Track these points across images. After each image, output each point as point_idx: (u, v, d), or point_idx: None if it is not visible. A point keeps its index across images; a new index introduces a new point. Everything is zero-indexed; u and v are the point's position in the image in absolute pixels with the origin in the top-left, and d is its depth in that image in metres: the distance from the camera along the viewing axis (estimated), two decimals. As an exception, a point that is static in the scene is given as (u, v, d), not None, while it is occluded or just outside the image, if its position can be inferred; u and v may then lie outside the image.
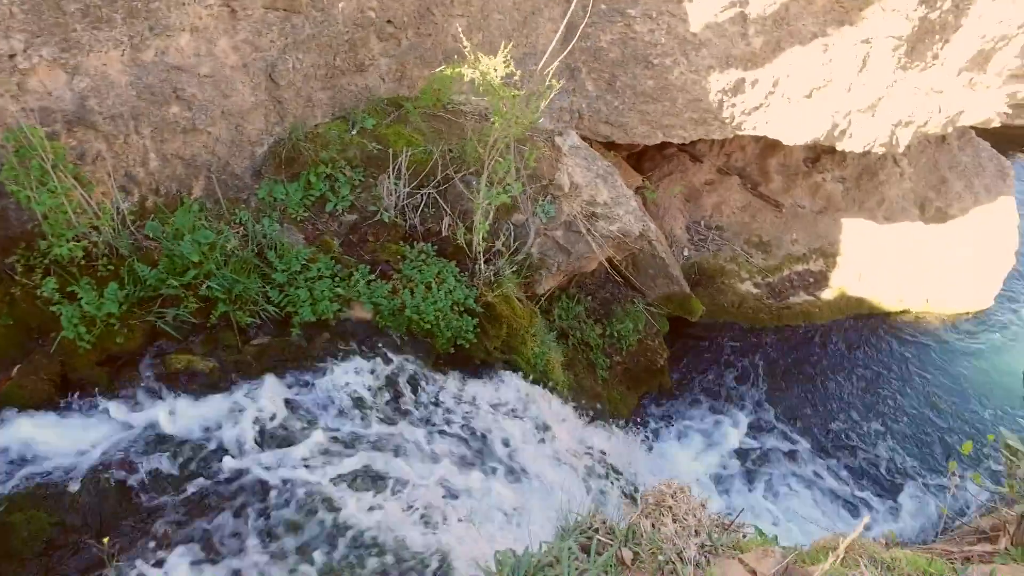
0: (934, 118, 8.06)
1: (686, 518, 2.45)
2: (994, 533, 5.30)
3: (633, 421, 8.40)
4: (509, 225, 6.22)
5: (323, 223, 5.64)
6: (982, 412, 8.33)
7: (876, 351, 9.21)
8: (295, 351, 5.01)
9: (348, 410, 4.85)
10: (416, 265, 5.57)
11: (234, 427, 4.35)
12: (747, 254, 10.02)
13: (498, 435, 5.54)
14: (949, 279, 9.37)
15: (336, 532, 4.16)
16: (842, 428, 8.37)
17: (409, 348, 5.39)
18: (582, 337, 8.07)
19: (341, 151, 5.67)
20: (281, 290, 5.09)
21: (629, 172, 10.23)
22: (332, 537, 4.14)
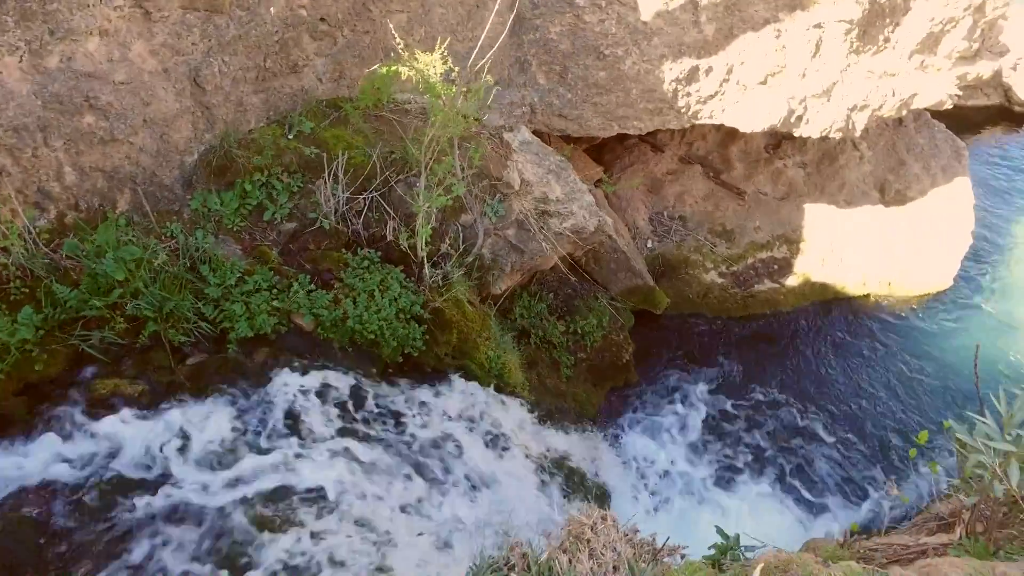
0: (888, 101, 8.01)
1: (603, 553, 2.32)
2: (951, 519, 5.28)
3: (599, 419, 8.32)
4: (457, 226, 6.06)
5: (261, 233, 5.44)
6: (946, 393, 8.35)
7: (841, 337, 9.20)
8: (233, 368, 4.82)
9: (287, 427, 4.67)
10: (359, 273, 5.39)
11: (163, 452, 4.17)
12: (711, 244, 9.95)
13: (450, 445, 5.41)
14: (910, 261, 9.38)
15: (273, 558, 4.00)
16: (810, 416, 8.35)
17: (353, 359, 5.22)
18: (544, 335, 7.96)
19: (277, 157, 5.47)
20: (216, 305, 4.89)
21: (589, 164, 10.10)
22: (269, 564, 3.99)
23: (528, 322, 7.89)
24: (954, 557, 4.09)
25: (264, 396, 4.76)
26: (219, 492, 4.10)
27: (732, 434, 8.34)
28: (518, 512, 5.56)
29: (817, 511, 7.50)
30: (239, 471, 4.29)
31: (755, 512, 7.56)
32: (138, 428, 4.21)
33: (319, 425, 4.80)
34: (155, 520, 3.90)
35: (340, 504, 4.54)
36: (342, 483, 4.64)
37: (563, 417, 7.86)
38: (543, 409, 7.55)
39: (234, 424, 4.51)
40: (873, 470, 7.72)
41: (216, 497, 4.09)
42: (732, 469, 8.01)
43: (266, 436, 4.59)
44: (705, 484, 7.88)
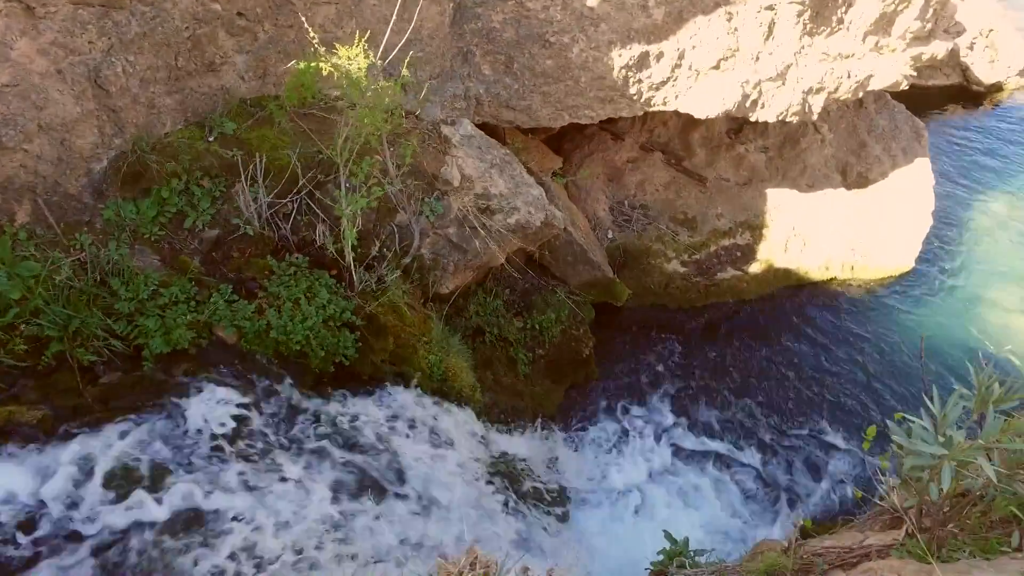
0: (844, 84, 7.83)
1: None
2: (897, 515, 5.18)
3: (559, 416, 8.15)
4: (392, 227, 5.82)
5: (181, 241, 5.18)
6: (908, 377, 8.26)
7: (804, 323, 9.08)
8: (149, 387, 4.58)
9: (207, 448, 4.45)
10: (284, 281, 5.15)
11: (64, 484, 3.92)
12: (673, 232, 9.77)
13: (385, 456, 5.20)
14: (872, 244, 9.26)
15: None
16: (774, 405, 8.24)
17: (280, 371, 4.99)
18: (500, 333, 7.76)
19: (195, 160, 5.19)
20: (129, 321, 4.64)
21: (548, 154, 9.86)
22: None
23: (483, 320, 7.68)
24: (895, 560, 3.96)
25: (183, 415, 4.52)
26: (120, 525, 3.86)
27: (696, 426, 8.21)
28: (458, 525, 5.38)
29: (781, 501, 7.39)
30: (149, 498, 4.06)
31: (718, 505, 7.45)
32: (33, 459, 3.95)
33: (241, 443, 4.58)
34: (50, 557, 3.67)
35: (261, 526, 4.33)
36: (264, 504, 4.43)
37: (519, 417, 7.68)
38: (497, 410, 7.36)
39: (147, 447, 4.28)
40: (835, 458, 7.62)
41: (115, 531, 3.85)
42: (697, 461, 7.88)
43: (183, 458, 4.36)
44: (669, 478, 7.74)
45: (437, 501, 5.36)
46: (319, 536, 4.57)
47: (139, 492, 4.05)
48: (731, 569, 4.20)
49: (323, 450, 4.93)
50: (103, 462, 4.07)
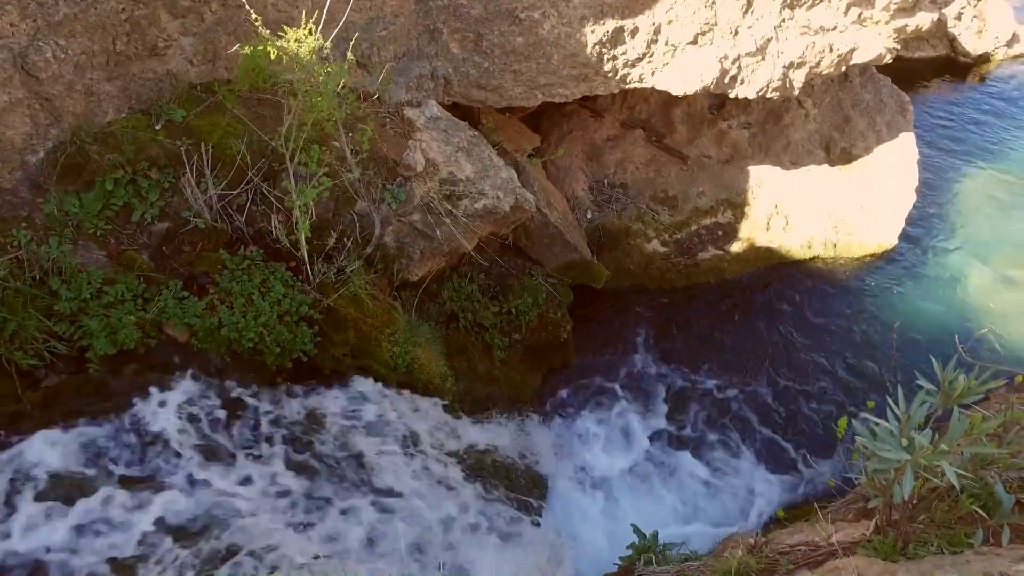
0: (826, 58, 7.58)
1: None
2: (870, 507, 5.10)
3: (536, 402, 8.03)
4: (352, 216, 5.61)
5: (129, 236, 4.97)
6: (887, 359, 8.14)
7: (786, 303, 8.94)
8: (94, 390, 4.42)
9: (156, 452, 4.30)
10: (237, 276, 4.96)
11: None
12: (653, 212, 9.57)
13: (347, 454, 5.07)
14: (855, 221, 9.08)
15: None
16: (754, 387, 8.13)
17: (235, 370, 4.83)
18: (475, 318, 7.59)
19: (141, 150, 4.96)
20: (72, 321, 4.45)
21: (525, 133, 9.61)
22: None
23: (457, 305, 7.50)
24: (861, 558, 3.87)
25: (131, 418, 4.36)
26: (65, 538, 3.72)
27: (676, 410, 8.10)
28: (427, 521, 5.28)
29: (757, 486, 7.32)
30: (93, 508, 3.92)
31: (694, 490, 7.38)
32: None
33: (193, 445, 4.43)
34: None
35: (219, 532, 4.21)
36: (220, 508, 4.30)
37: (495, 404, 7.56)
38: (471, 399, 7.23)
39: (91, 454, 4.13)
40: (814, 442, 7.54)
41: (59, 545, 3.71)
42: (676, 445, 7.79)
43: (130, 464, 4.21)
44: (647, 462, 7.66)
45: (402, 497, 5.25)
46: (278, 538, 4.45)
47: (82, 502, 3.91)
48: (697, 568, 4.11)
49: (278, 449, 4.79)
50: (40, 472, 3.92)
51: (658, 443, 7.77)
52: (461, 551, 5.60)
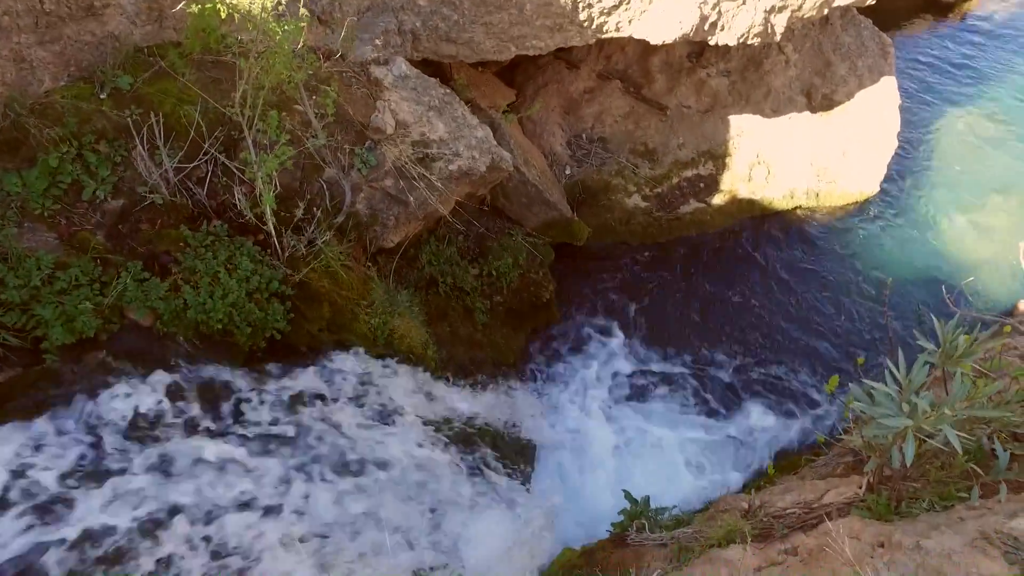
0: (808, 0, 7.29)
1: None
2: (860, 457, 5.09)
3: (520, 364, 7.92)
4: (320, 184, 5.32)
5: (80, 215, 4.64)
6: (873, 308, 8.11)
7: (768, 254, 8.84)
8: (53, 382, 4.16)
9: (125, 444, 4.09)
10: (200, 253, 4.67)
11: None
12: (633, 165, 9.33)
13: (328, 430, 4.90)
14: (837, 169, 8.94)
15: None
16: (737, 344, 8.07)
17: (205, 352, 4.60)
18: (455, 282, 7.38)
19: (85, 122, 4.59)
20: (23, 310, 4.16)
21: (499, 88, 9.23)
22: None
23: (436, 270, 7.28)
24: (855, 520, 3.83)
25: (94, 411, 4.13)
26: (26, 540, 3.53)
27: (661, 365, 8.05)
28: (413, 493, 5.17)
29: (746, 440, 7.32)
30: (58, 509, 3.72)
31: (684, 448, 7.36)
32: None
33: (164, 434, 4.23)
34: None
35: (195, 524, 4.05)
36: (197, 498, 4.13)
37: (479, 369, 7.43)
38: (454, 365, 7.08)
39: (53, 450, 3.91)
40: (801, 394, 7.53)
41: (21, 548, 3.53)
42: (663, 401, 7.76)
43: (97, 460, 4.00)
44: (633, 420, 7.61)
45: (386, 470, 5.12)
46: (258, 521, 4.31)
47: (49, 505, 3.71)
48: (690, 535, 4.07)
49: (256, 431, 4.61)
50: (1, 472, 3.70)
51: (645, 399, 7.73)
52: (449, 522, 5.52)
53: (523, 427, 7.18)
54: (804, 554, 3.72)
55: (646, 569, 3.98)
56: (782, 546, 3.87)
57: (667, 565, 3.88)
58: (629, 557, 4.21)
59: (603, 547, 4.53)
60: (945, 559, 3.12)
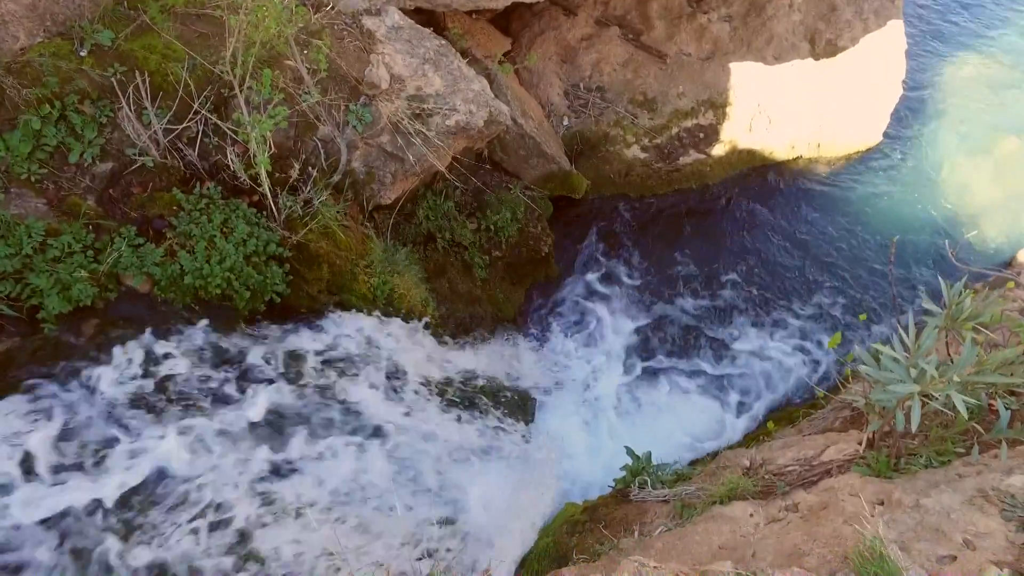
0: (816, -61, 6.99)
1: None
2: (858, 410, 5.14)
3: (520, 319, 7.92)
4: (315, 143, 5.17)
5: (69, 180, 4.51)
6: (872, 259, 8.09)
7: (769, 206, 8.76)
8: (54, 351, 4.13)
9: (128, 410, 4.09)
10: (195, 217, 4.57)
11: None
12: (632, 116, 9.13)
13: (332, 391, 4.91)
14: (839, 119, 8.77)
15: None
16: (736, 296, 8.07)
17: (204, 317, 4.55)
18: (453, 237, 7.30)
19: (66, 82, 4.41)
20: (17, 279, 4.08)
21: (494, 37, 8.94)
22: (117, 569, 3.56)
23: (434, 225, 7.18)
24: (856, 477, 3.89)
25: (96, 379, 4.11)
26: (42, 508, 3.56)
27: (662, 318, 8.05)
28: (416, 449, 5.23)
29: (745, 391, 7.38)
30: (67, 477, 3.74)
31: (685, 399, 7.43)
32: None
33: (166, 402, 4.22)
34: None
35: (201, 489, 4.08)
36: (201, 464, 4.16)
37: (478, 324, 7.43)
38: (454, 321, 7.08)
39: (58, 419, 3.90)
40: (799, 344, 7.58)
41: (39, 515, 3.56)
42: (662, 353, 7.79)
43: (102, 427, 4.00)
44: (632, 372, 7.67)
45: (389, 427, 5.16)
46: (267, 488, 4.36)
47: (55, 469, 3.73)
48: (693, 492, 4.13)
49: (259, 394, 4.60)
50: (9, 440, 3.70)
51: (643, 350, 7.76)
52: (451, 476, 5.60)
53: (523, 381, 7.23)
54: (805, 510, 3.78)
55: (649, 525, 4.06)
56: (783, 502, 3.94)
57: (670, 522, 3.96)
58: (632, 513, 4.29)
59: (605, 503, 4.62)
60: (944, 517, 3.17)
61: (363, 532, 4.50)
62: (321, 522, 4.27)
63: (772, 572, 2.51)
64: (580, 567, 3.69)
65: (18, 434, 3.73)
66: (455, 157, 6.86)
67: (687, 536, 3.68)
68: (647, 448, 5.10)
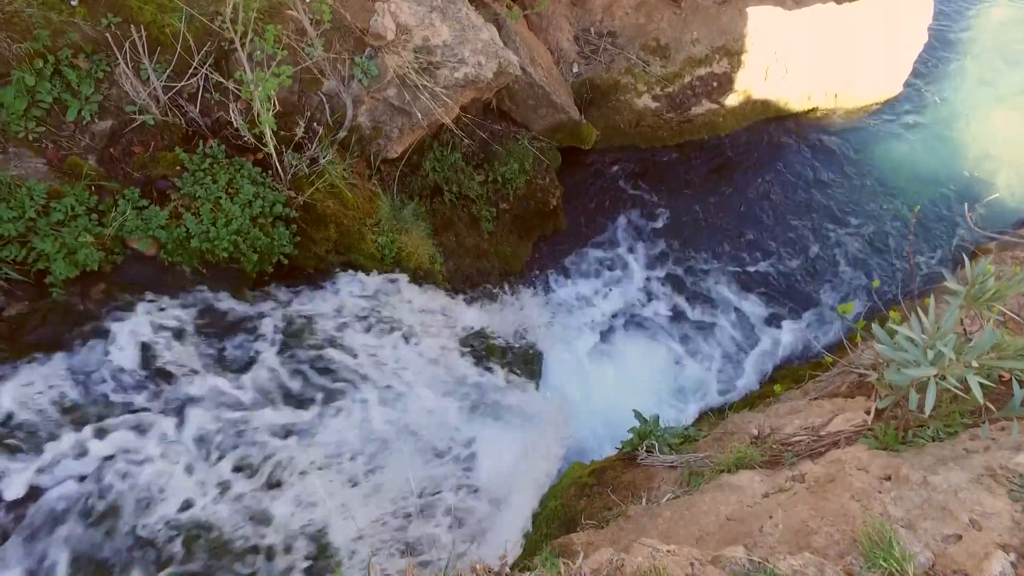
0: None
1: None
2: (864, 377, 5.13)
3: (527, 273, 7.87)
4: (320, 98, 5.00)
5: (68, 138, 4.38)
6: (883, 219, 7.95)
7: (782, 159, 8.56)
8: (63, 315, 4.11)
9: (138, 375, 4.10)
10: (199, 178, 4.46)
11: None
12: (644, 63, 8.81)
13: (342, 351, 4.92)
14: (858, 68, 8.46)
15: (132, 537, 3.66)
16: (747, 252, 7.99)
17: (211, 280, 4.51)
18: (460, 190, 7.17)
19: (58, 35, 4.22)
20: (22, 243, 4.02)
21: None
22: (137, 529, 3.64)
23: (441, 176, 7.04)
24: (863, 450, 3.91)
25: (106, 344, 4.11)
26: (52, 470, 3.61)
27: (669, 273, 8.01)
28: (425, 408, 5.28)
29: (750, 345, 7.40)
30: (78, 443, 3.77)
31: (688, 353, 7.47)
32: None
33: (177, 366, 4.23)
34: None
35: (219, 450, 4.14)
36: (217, 421, 4.20)
37: (486, 279, 7.39)
38: (461, 276, 7.04)
39: (69, 385, 3.91)
40: (808, 303, 7.54)
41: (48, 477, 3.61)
42: (670, 308, 7.77)
43: (112, 392, 4.02)
44: (640, 327, 7.67)
45: (398, 386, 5.20)
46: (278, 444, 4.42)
47: (70, 436, 3.76)
48: (701, 459, 4.19)
49: (269, 356, 4.62)
50: (18, 411, 3.72)
51: (652, 307, 7.75)
52: (463, 433, 5.68)
53: (530, 336, 7.24)
54: (811, 482, 3.82)
55: (656, 491, 4.13)
56: (790, 472, 3.98)
57: (678, 489, 4.03)
58: (640, 478, 4.35)
59: (612, 465, 4.68)
60: (951, 495, 3.20)
61: (371, 491, 4.59)
62: (328, 479, 4.34)
63: (783, 558, 2.55)
64: (589, 533, 3.78)
65: (33, 397, 3.74)
66: (462, 107, 6.66)
67: (695, 505, 3.74)
68: (652, 402, 5.12)
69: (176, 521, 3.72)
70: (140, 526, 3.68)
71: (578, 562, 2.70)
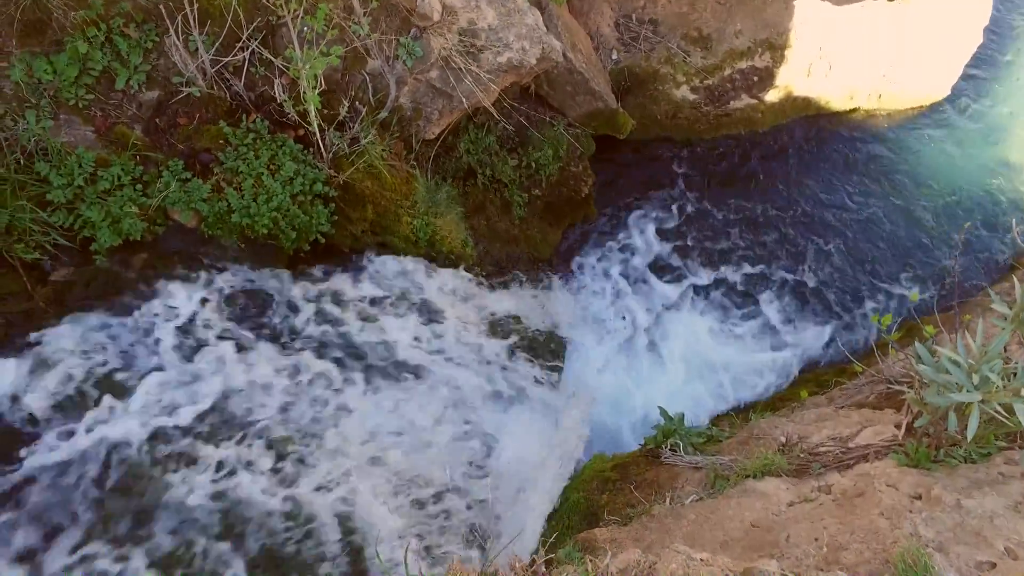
0: None
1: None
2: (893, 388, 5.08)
3: (556, 261, 7.84)
4: (364, 77, 4.98)
5: (116, 107, 4.41)
6: (923, 227, 7.80)
7: (822, 161, 8.41)
8: (106, 282, 4.18)
9: (176, 343, 4.17)
10: (242, 153, 4.48)
11: (31, 396, 3.69)
12: (684, 53, 8.67)
13: (373, 333, 4.96)
14: (906, 68, 8.25)
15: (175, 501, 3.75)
16: (780, 252, 7.89)
17: (249, 256, 4.56)
18: (494, 173, 7.14)
19: (111, 4, 4.23)
20: (70, 210, 4.08)
21: (546, -44, 8.40)
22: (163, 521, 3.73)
23: (475, 159, 7.01)
24: (893, 466, 3.89)
25: (147, 312, 4.18)
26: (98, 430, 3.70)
27: (700, 268, 7.93)
28: (452, 392, 5.32)
29: (779, 346, 7.33)
30: (119, 404, 3.86)
31: (719, 347, 7.42)
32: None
33: (214, 338, 4.29)
34: (40, 469, 3.55)
35: (253, 424, 4.21)
36: (251, 399, 4.27)
37: (515, 265, 7.39)
38: (490, 260, 7.05)
39: (113, 350, 3.99)
40: (839, 307, 7.46)
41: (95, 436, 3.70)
42: (700, 303, 7.72)
43: (152, 359, 4.09)
44: (668, 320, 7.63)
45: (427, 370, 5.24)
46: (310, 423, 4.48)
47: (108, 399, 3.85)
48: (727, 464, 4.19)
49: (303, 334, 4.67)
50: (64, 371, 3.81)
51: (680, 299, 7.70)
52: (486, 418, 5.73)
53: (557, 324, 7.24)
54: (838, 494, 3.81)
55: (680, 491, 4.15)
56: (816, 483, 3.97)
57: (702, 490, 4.04)
58: (663, 476, 4.37)
59: (636, 461, 4.70)
60: (986, 521, 3.18)
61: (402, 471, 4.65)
62: (358, 458, 4.41)
63: (816, 574, 2.56)
64: (612, 530, 3.82)
65: (75, 362, 3.82)
66: (501, 90, 6.61)
67: (719, 509, 3.76)
68: (677, 397, 5.10)
69: (211, 491, 3.81)
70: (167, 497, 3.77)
71: (606, 561, 2.73)
